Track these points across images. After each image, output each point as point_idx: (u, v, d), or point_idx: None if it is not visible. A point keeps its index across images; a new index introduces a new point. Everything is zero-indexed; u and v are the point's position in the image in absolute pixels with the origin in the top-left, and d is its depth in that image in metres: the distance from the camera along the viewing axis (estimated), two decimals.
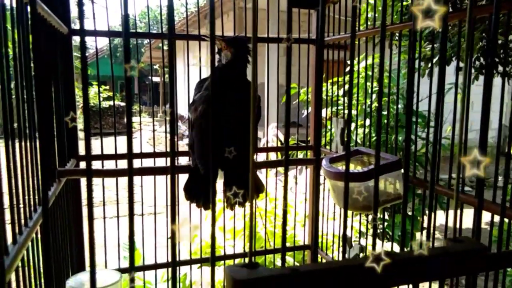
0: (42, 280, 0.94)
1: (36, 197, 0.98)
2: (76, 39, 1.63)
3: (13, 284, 0.75)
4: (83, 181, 1.71)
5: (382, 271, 0.51)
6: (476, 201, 1.06)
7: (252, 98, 0.51)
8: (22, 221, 0.82)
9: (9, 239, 0.75)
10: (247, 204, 1.54)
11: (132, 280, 0.49)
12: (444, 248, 0.56)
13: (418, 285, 0.58)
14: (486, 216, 1.11)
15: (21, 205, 0.84)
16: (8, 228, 0.74)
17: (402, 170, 1.27)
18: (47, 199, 1.04)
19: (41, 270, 0.95)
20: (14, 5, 0.87)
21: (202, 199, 1.46)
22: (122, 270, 1.55)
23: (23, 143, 0.89)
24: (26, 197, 0.88)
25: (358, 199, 1.18)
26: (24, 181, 0.87)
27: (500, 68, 2.71)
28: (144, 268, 1.88)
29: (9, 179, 0.77)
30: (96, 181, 1.98)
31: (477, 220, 0.59)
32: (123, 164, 1.79)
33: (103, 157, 1.69)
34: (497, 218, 1.07)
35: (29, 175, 0.92)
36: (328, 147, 2.07)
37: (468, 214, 1.05)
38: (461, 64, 1.57)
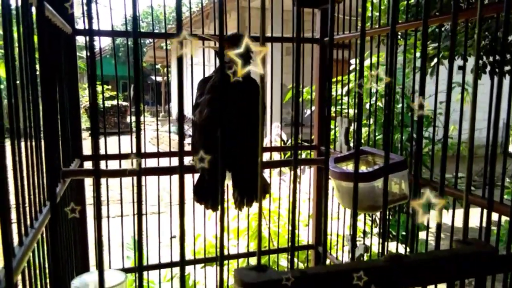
0: (48, 281, 0.94)
1: (41, 198, 0.98)
2: (78, 39, 1.63)
3: (20, 286, 0.75)
4: (87, 181, 1.71)
5: (390, 273, 0.51)
6: (484, 202, 1.05)
7: (261, 98, 0.51)
8: (28, 222, 0.82)
9: (15, 241, 0.75)
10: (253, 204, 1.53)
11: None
12: (453, 250, 0.56)
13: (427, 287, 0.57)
14: (493, 216, 1.10)
15: (27, 206, 0.84)
16: (14, 229, 0.73)
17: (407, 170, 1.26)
18: (55, 195, 1.04)
19: (46, 272, 0.95)
20: (19, 4, 0.87)
21: (210, 201, 1.45)
22: (125, 270, 1.55)
23: (28, 143, 0.89)
24: (32, 198, 0.88)
25: (363, 199, 1.17)
26: (30, 182, 0.86)
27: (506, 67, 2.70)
28: (148, 268, 1.88)
29: (15, 180, 0.76)
30: (101, 181, 1.97)
31: (487, 222, 0.58)
32: (126, 164, 1.79)
33: (107, 157, 1.69)
34: (504, 219, 1.06)
35: (34, 176, 0.92)
36: (332, 146, 2.06)
37: (473, 213, 1.04)
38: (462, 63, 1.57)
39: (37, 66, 0.96)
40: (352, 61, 3.28)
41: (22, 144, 0.85)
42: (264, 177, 1.60)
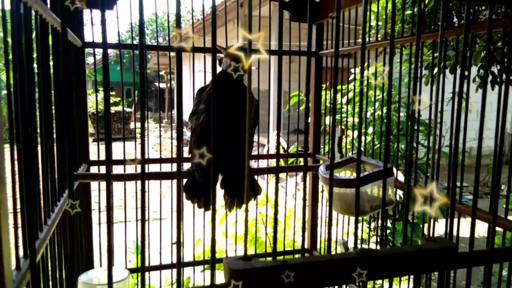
0: (58, 275, 1.02)
1: (53, 199, 1.06)
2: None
3: None
4: (93, 185, 1.79)
5: (361, 265, 0.59)
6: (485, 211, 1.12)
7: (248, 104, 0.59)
8: (42, 219, 0.90)
9: None
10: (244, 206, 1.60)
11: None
12: (419, 246, 0.63)
13: (392, 279, 0.65)
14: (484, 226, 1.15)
15: (41, 205, 0.92)
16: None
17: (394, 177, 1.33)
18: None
19: (56, 267, 1.03)
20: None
21: (203, 200, 1.50)
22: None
23: (42, 149, 0.97)
24: (46, 199, 0.96)
25: (352, 205, 1.25)
26: (44, 185, 0.95)
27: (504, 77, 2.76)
28: (149, 268, 1.94)
29: (33, 183, 0.85)
30: (103, 186, 2.05)
31: (449, 222, 0.66)
32: (130, 169, 1.86)
33: (112, 162, 1.77)
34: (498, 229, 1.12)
35: (48, 180, 1.00)
36: (327, 156, 2.13)
37: (468, 223, 1.09)
38: (466, 73, 1.63)
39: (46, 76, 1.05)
40: (353, 70, 3.36)
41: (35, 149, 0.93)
42: (255, 180, 1.65)
